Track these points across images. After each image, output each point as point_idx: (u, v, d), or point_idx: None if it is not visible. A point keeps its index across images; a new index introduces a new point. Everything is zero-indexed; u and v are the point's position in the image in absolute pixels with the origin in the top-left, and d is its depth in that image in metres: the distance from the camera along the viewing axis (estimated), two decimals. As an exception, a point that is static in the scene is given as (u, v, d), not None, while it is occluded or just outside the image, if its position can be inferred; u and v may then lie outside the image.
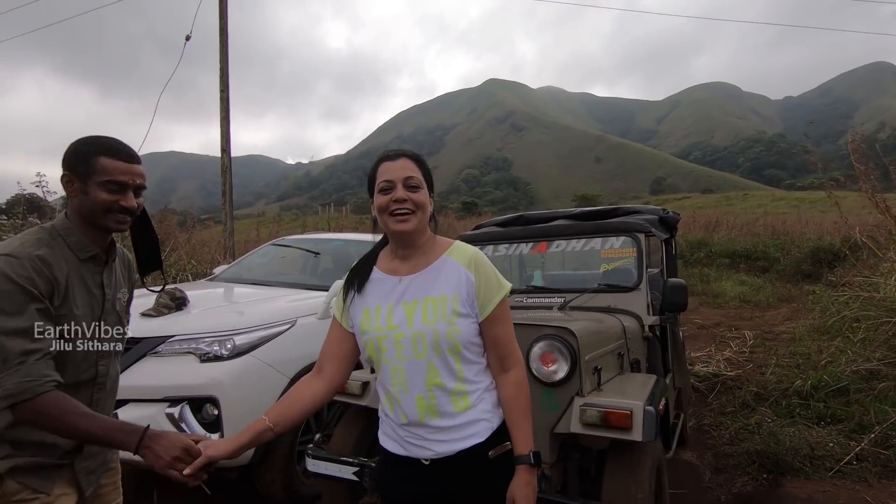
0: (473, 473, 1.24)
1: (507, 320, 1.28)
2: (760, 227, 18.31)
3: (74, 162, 1.23)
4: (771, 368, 5.02)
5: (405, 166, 1.24)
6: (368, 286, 1.29)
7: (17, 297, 1.10)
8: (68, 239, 1.24)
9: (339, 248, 4.47)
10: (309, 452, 2.25)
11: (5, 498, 1.17)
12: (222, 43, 8.39)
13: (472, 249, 1.29)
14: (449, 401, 1.22)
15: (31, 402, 1.07)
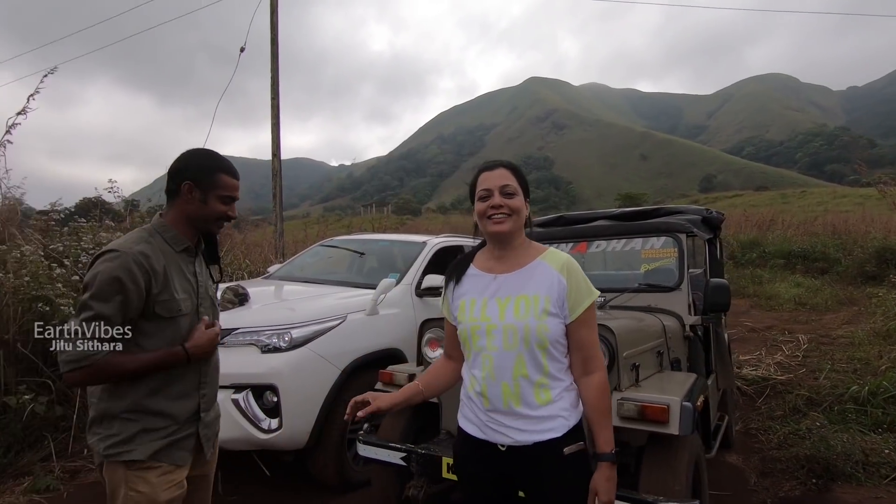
0: (546, 466, 1.31)
1: (593, 325, 1.36)
2: (819, 225, 17.36)
3: (199, 174, 1.44)
4: (825, 373, 4.84)
5: (502, 175, 1.36)
6: (465, 281, 1.42)
7: (110, 287, 1.30)
8: (165, 235, 1.45)
9: (384, 248, 4.66)
10: (360, 438, 2.41)
11: (149, 479, 1.37)
12: (273, 53, 8.80)
13: (565, 256, 1.38)
14: (532, 392, 1.31)
15: (89, 368, 1.28)
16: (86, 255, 4.37)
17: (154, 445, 1.38)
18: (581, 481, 1.34)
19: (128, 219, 6.08)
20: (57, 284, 3.62)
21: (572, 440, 1.33)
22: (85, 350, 1.27)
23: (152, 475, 1.37)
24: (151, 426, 1.39)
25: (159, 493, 1.37)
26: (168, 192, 1.48)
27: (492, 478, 1.38)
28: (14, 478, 3.11)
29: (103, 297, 1.30)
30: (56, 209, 5.01)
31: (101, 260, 1.34)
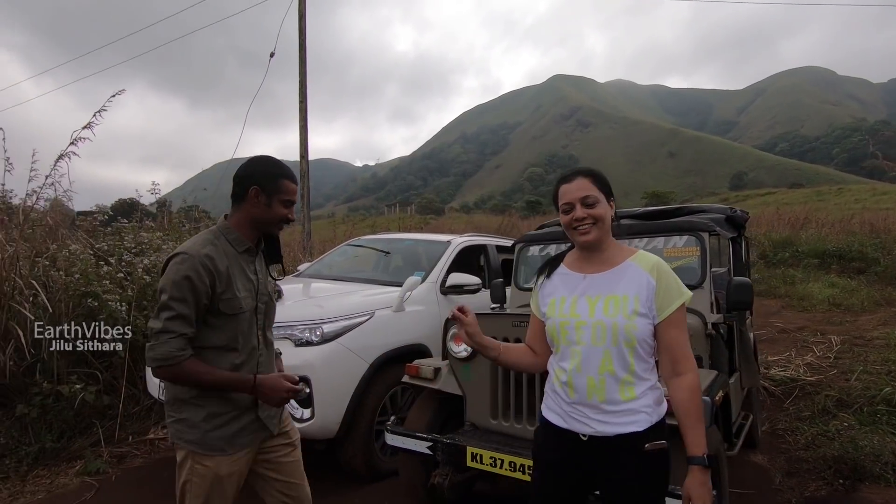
0: (625, 459, 1.35)
1: (683, 327, 1.38)
2: (857, 224, 16.71)
3: (265, 180, 1.56)
4: (857, 374, 4.74)
5: (580, 186, 1.40)
6: (556, 279, 1.50)
7: (183, 288, 1.43)
8: (228, 237, 1.57)
9: (409, 247, 4.78)
10: (388, 428, 2.53)
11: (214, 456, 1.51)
12: (301, 58, 9.05)
13: (654, 258, 1.41)
14: (616, 388, 1.35)
15: (175, 367, 1.43)
16: (128, 253, 4.62)
17: (217, 434, 1.52)
18: (657, 480, 1.37)
19: (165, 219, 6.35)
20: (104, 281, 3.85)
21: (654, 437, 1.36)
22: (171, 351, 1.42)
23: (213, 456, 1.52)
24: (217, 411, 1.52)
25: (222, 468, 1.52)
26: (234, 196, 1.59)
27: (570, 467, 1.43)
28: (67, 461, 3.34)
29: (180, 298, 1.43)
30: (100, 210, 5.29)
31: (173, 263, 1.47)
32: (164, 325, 1.42)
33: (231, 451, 1.54)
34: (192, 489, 1.52)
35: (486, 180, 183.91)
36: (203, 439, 1.51)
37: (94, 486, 3.07)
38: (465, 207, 67.13)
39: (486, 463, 2.16)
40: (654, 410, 1.37)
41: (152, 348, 1.43)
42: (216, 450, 1.52)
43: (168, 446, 3.69)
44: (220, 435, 1.52)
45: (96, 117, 3.78)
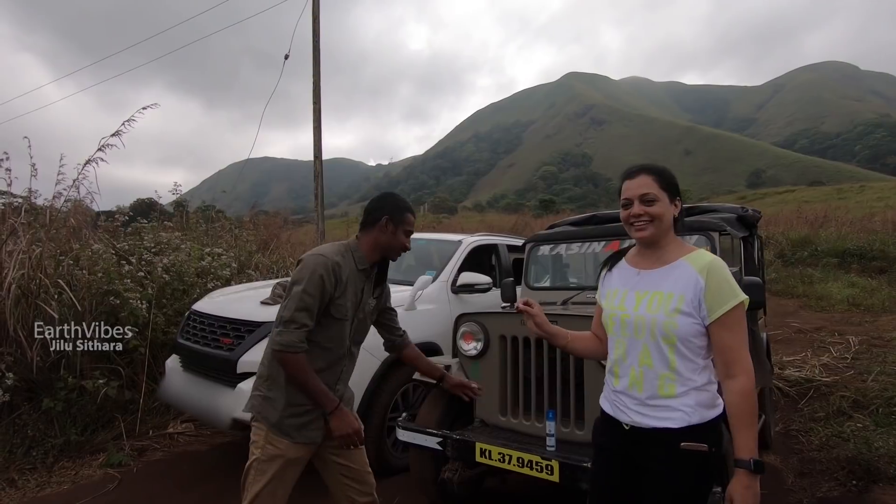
0: (660, 455, 1.36)
1: (737, 329, 1.34)
2: (879, 222, 16.36)
3: (394, 212, 1.82)
4: (874, 375, 4.68)
5: (641, 184, 1.42)
6: (616, 273, 1.55)
7: (316, 285, 1.64)
8: (355, 254, 1.80)
9: (421, 246, 4.83)
10: (399, 424, 2.58)
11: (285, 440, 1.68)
12: (315, 59, 9.14)
13: (710, 257, 1.38)
14: (655, 383, 1.37)
15: (293, 355, 1.62)
16: (147, 252, 4.76)
17: (291, 422, 1.70)
18: (692, 482, 1.35)
19: (183, 219, 6.50)
20: (125, 280, 3.97)
21: (691, 437, 1.33)
22: (294, 341, 1.61)
23: (287, 441, 1.70)
24: (297, 401, 1.70)
25: (289, 453, 1.69)
26: (364, 223, 1.84)
27: (617, 454, 1.47)
28: (91, 453, 3.46)
29: (311, 293, 1.63)
30: (121, 211, 5.44)
31: (309, 260, 1.68)
32: (293, 316, 1.61)
33: (298, 439, 1.70)
34: (259, 467, 1.67)
35: (500, 179, 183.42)
36: (279, 422, 1.68)
37: (117, 477, 3.18)
38: (479, 206, 67.00)
39: (494, 459, 2.20)
40: (694, 411, 1.35)
41: (280, 334, 1.62)
42: (285, 435, 1.68)
43: (187, 441, 3.81)
44: (293, 423, 1.69)
45: (125, 126, 3.91)
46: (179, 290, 4.45)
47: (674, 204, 1.43)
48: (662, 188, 1.41)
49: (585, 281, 3.74)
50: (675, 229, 1.45)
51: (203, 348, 3.09)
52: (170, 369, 3.38)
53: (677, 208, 1.43)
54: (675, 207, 1.43)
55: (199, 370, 3.16)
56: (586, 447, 2.17)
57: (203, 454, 3.60)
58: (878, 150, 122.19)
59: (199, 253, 5.04)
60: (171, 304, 4.30)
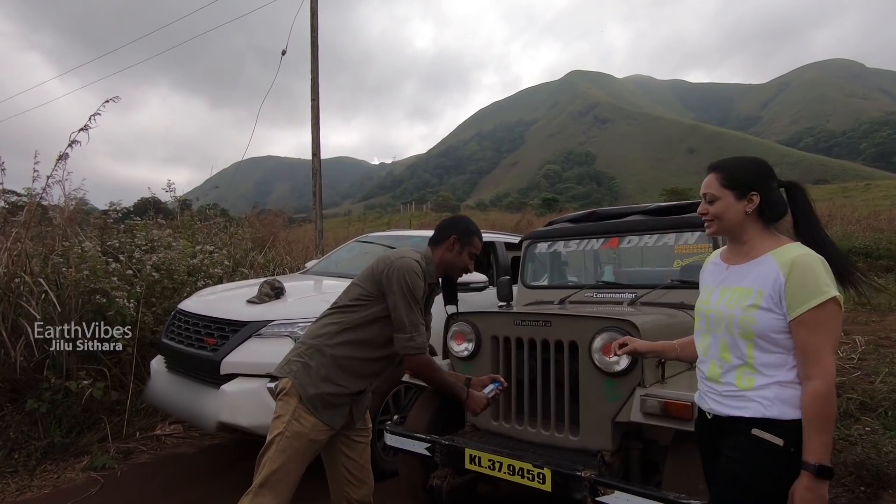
0: (734, 443, 1.36)
1: (817, 329, 1.28)
2: (885, 221, 16.18)
3: (464, 233, 1.93)
4: (882, 376, 4.55)
5: (706, 183, 1.46)
6: (710, 269, 1.57)
7: (420, 289, 1.76)
8: (428, 267, 1.88)
9: (417, 244, 4.71)
10: (387, 428, 2.48)
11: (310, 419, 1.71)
12: (313, 56, 9.05)
13: (798, 252, 1.33)
14: (733, 375, 1.38)
15: (424, 356, 1.76)
16: (139, 251, 4.67)
17: (321, 401, 1.73)
18: (759, 474, 1.30)
19: (178, 217, 6.41)
20: (112, 278, 3.89)
21: (766, 429, 1.31)
22: (426, 341, 1.74)
23: (314, 418, 1.72)
24: (336, 379, 1.75)
25: (312, 433, 1.71)
26: (434, 239, 1.95)
27: (703, 440, 1.51)
28: (75, 456, 3.38)
29: (417, 297, 1.75)
30: (114, 208, 5.36)
31: (410, 266, 1.75)
32: (417, 318, 1.73)
33: (324, 419, 1.73)
34: (281, 443, 1.68)
35: (503, 178, 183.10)
36: (314, 397, 1.71)
37: (100, 481, 3.09)
38: (481, 205, 66.89)
39: (484, 465, 2.10)
40: (772, 404, 1.32)
41: (413, 338, 1.73)
42: (315, 411, 1.71)
43: (175, 443, 3.72)
44: (326, 402, 1.73)
45: (91, 121, 3.84)
46: (169, 288, 4.36)
47: (747, 199, 1.40)
48: (725, 186, 1.42)
49: (584, 279, 3.64)
50: (762, 222, 1.42)
51: (187, 349, 3.00)
52: (155, 370, 3.29)
53: (753, 203, 1.40)
54: (749, 202, 1.40)
55: (183, 371, 3.06)
56: (581, 455, 2.07)
57: (190, 457, 3.51)
58: (883, 149, 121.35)
59: (190, 250, 4.95)
60: (161, 302, 4.21)
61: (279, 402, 1.74)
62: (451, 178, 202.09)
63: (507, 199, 78.20)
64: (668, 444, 1.99)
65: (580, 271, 3.82)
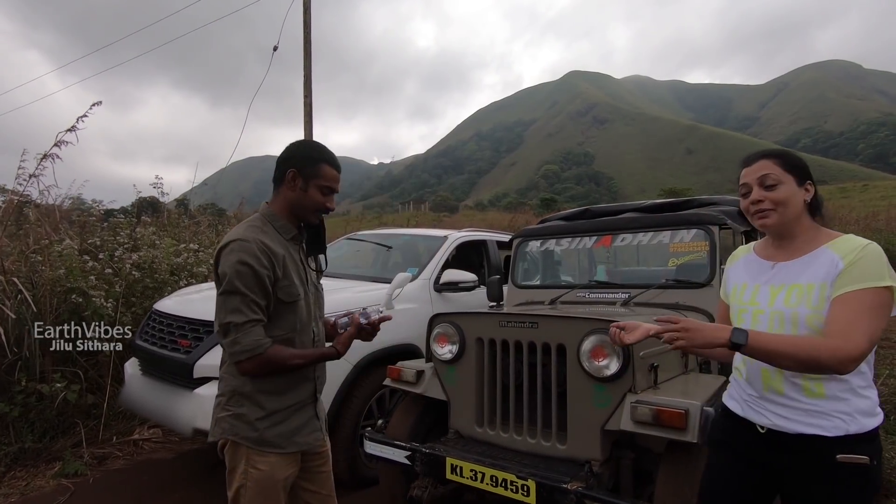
0: (813, 468, 1.21)
1: (862, 309, 1.13)
2: (883, 221, 16.13)
3: (303, 163, 1.48)
4: (883, 378, 4.44)
5: (761, 167, 1.29)
6: (743, 265, 1.42)
7: (247, 275, 1.36)
8: (275, 224, 1.50)
9: (407, 242, 4.61)
10: (366, 435, 2.36)
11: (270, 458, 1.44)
12: (306, 52, 8.93)
13: (862, 242, 1.22)
14: (799, 382, 1.22)
15: (263, 355, 1.37)
16: (121, 249, 4.53)
17: (276, 430, 1.45)
18: (845, 494, 1.19)
19: (164, 215, 6.28)
20: (90, 277, 3.75)
21: (849, 450, 1.18)
22: (256, 339, 1.36)
23: (272, 457, 1.44)
24: (277, 407, 1.45)
25: (277, 472, 1.45)
26: (275, 179, 1.52)
27: (748, 458, 1.33)
28: (46, 462, 3.24)
29: (246, 285, 1.36)
30: (96, 206, 5.23)
31: (228, 251, 1.39)
32: (240, 316, 1.36)
33: (289, 448, 1.47)
34: (247, 494, 1.43)
35: (501, 178, 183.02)
36: (262, 436, 1.43)
37: (70, 488, 2.96)
38: (480, 205, 66.80)
39: (466, 476, 1.98)
40: (852, 419, 1.19)
41: (236, 341, 1.36)
42: (274, 446, 1.45)
43: (152, 448, 3.59)
44: (279, 431, 1.45)
45: (80, 122, 3.72)
46: (151, 287, 4.23)
47: (804, 188, 1.29)
48: (786, 170, 1.28)
49: (578, 279, 3.52)
50: (812, 216, 1.31)
51: (159, 350, 2.87)
52: (129, 374, 3.16)
53: (809, 192, 1.29)
54: (807, 191, 1.29)
55: (157, 375, 2.94)
56: (568, 464, 1.95)
57: (168, 462, 3.38)
58: (881, 149, 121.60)
59: (174, 249, 4.82)
60: (141, 302, 4.08)
61: (227, 456, 1.46)
62: (450, 178, 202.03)
63: (506, 200, 78.11)
64: (662, 453, 1.87)
65: (573, 270, 3.70)
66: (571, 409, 2.00)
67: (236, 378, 1.44)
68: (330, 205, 1.52)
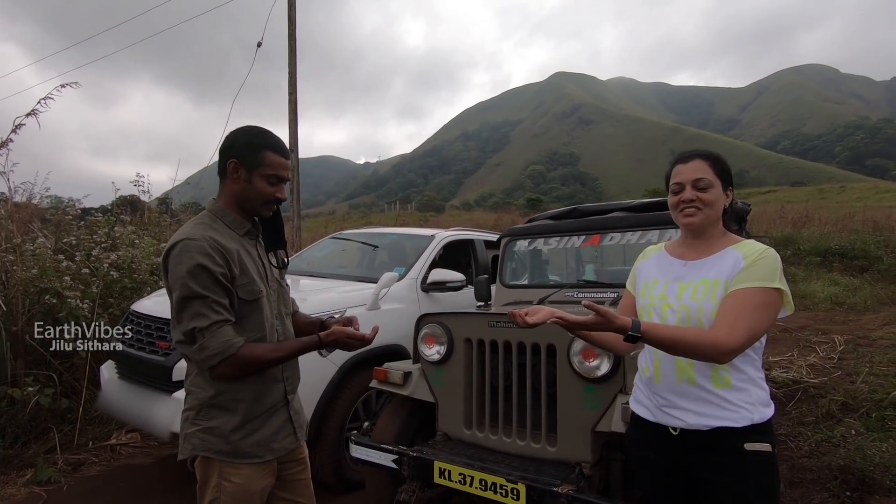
0: (725, 461, 1.25)
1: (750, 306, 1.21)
2: (859, 222, 16.49)
3: (245, 152, 1.36)
4: (862, 376, 4.52)
5: (696, 168, 1.34)
6: (653, 261, 1.46)
7: (205, 277, 1.25)
8: (225, 219, 1.39)
9: (394, 241, 4.56)
10: (352, 438, 2.31)
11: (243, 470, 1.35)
12: (291, 50, 8.81)
13: (761, 247, 1.30)
14: (708, 373, 1.27)
15: (236, 356, 1.26)
16: (99, 248, 4.40)
17: (252, 440, 1.36)
18: (764, 491, 1.25)
19: (144, 214, 6.12)
20: (64, 277, 3.63)
21: (755, 438, 1.25)
22: (227, 339, 1.26)
23: (245, 468, 1.35)
24: (250, 415, 1.36)
25: (252, 484, 1.36)
26: (219, 172, 1.41)
27: (666, 465, 1.35)
28: (18, 469, 3.13)
29: (204, 286, 1.25)
30: (72, 204, 5.07)
31: (175, 253, 1.27)
32: (203, 320, 1.24)
33: (266, 456, 1.39)
34: None
35: (488, 178, 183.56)
36: (236, 448, 1.34)
37: (42, 496, 2.85)
38: (466, 205, 66.89)
39: (454, 480, 1.94)
40: (755, 408, 1.26)
41: (203, 346, 1.25)
42: (250, 457, 1.36)
43: (130, 453, 3.48)
44: (254, 440, 1.37)
45: (42, 104, 3.57)
46: (129, 288, 4.11)
47: (726, 193, 1.35)
48: (717, 175, 1.34)
49: (566, 278, 3.50)
50: (723, 221, 1.38)
51: (137, 353, 2.78)
52: (106, 378, 3.05)
53: (728, 198, 1.36)
54: (727, 197, 1.36)
55: (134, 378, 2.84)
56: (558, 467, 1.93)
57: (146, 468, 3.28)
58: (857, 152, 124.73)
59: (154, 248, 4.70)
60: (119, 303, 3.96)
61: (197, 469, 1.37)
62: (436, 177, 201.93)
63: (492, 200, 78.32)
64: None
65: (561, 270, 3.69)
66: (561, 411, 1.97)
67: (204, 389, 1.34)
68: (280, 195, 1.41)
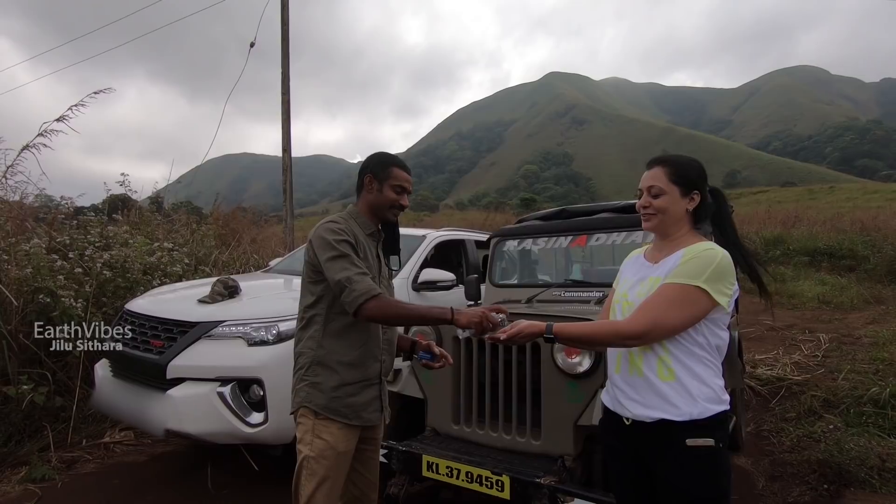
0: (667, 453, 1.30)
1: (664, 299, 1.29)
2: (847, 222, 16.70)
3: (377, 168, 1.70)
4: (844, 373, 4.62)
5: (652, 176, 1.42)
6: (633, 264, 1.55)
7: (345, 244, 1.56)
8: (357, 220, 1.71)
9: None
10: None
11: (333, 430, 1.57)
12: (284, 49, 8.82)
13: (707, 246, 1.34)
14: (655, 361, 1.33)
15: (375, 299, 1.49)
16: (92, 248, 4.42)
17: (345, 402, 1.59)
18: (708, 486, 1.28)
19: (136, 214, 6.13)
20: (58, 276, 3.65)
21: (697, 433, 1.28)
22: (370, 284, 1.50)
23: (335, 427, 1.58)
24: (349, 380, 1.60)
25: (339, 443, 1.58)
26: (357, 186, 1.74)
27: (624, 453, 1.42)
28: (12, 467, 3.15)
29: (343, 248, 1.54)
30: (66, 203, 5.08)
31: (322, 228, 1.59)
32: (348, 272, 1.50)
33: (354, 421, 1.61)
34: (309, 466, 1.55)
35: (481, 178, 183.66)
36: (332, 405, 1.57)
37: (37, 493, 2.88)
38: (460, 205, 66.94)
39: (442, 473, 2.01)
40: (695, 404, 1.29)
41: (352, 290, 1.48)
42: (342, 416, 1.58)
43: (124, 451, 3.52)
44: (348, 403, 1.60)
45: (73, 110, 3.57)
46: (123, 287, 4.14)
47: (689, 197, 1.40)
48: (673, 181, 1.40)
49: (555, 277, 3.57)
50: (693, 223, 1.43)
51: (132, 351, 2.82)
52: (100, 376, 3.09)
53: (693, 202, 1.41)
54: (691, 201, 1.41)
55: (128, 376, 2.88)
56: (542, 460, 1.99)
57: (140, 465, 3.31)
58: (847, 153, 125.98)
59: (147, 248, 4.72)
60: (112, 302, 3.99)
61: (298, 425, 1.61)
62: (431, 177, 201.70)
63: (486, 199, 78.38)
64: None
65: (550, 269, 3.76)
66: (545, 406, 2.04)
67: (313, 349, 1.59)
68: (403, 202, 1.72)
